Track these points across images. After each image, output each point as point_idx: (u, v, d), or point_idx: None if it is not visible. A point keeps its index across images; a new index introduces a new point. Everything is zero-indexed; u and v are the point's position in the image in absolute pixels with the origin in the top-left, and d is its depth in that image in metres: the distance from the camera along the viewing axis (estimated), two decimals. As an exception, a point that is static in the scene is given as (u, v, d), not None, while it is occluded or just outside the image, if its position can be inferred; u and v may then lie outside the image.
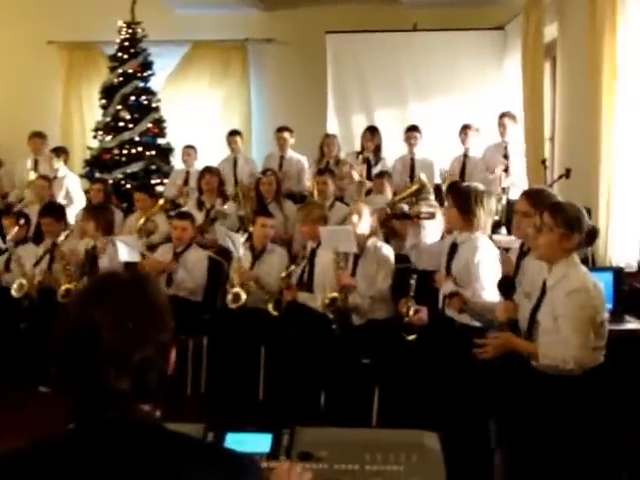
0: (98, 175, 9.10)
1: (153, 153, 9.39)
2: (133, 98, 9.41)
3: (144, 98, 9.50)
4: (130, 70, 9.43)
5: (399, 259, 5.27)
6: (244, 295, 5.49)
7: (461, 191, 4.58)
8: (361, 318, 5.16)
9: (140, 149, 9.31)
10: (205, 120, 10.48)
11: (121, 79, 9.43)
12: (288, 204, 7.33)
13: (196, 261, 6.03)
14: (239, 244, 5.73)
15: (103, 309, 1.47)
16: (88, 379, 1.46)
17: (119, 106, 9.37)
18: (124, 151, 9.30)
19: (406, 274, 4.77)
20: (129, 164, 9.25)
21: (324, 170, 7.46)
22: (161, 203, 6.97)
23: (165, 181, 9.12)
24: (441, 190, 7.03)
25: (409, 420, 3.92)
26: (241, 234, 5.98)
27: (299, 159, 8.60)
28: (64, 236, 6.25)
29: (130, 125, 9.32)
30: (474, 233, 4.45)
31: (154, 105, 9.58)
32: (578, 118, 6.36)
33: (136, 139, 9.32)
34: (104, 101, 9.56)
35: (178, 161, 9.25)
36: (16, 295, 6.02)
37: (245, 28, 10.36)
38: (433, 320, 4.46)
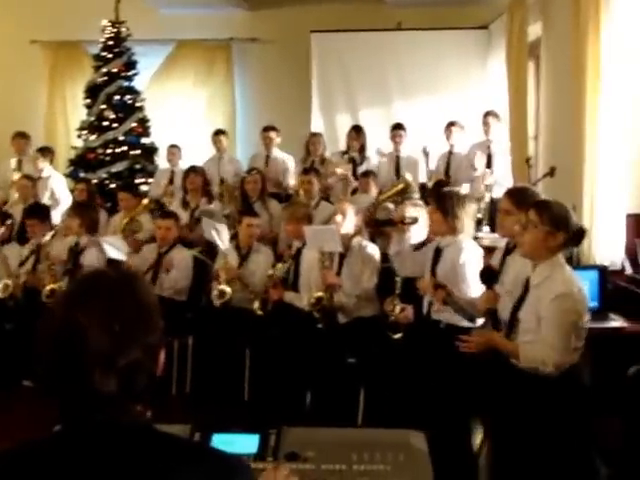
0: (82, 175, 9.06)
1: (137, 152, 9.37)
2: (117, 97, 9.40)
3: (128, 97, 9.49)
4: (114, 69, 9.43)
5: (385, 258, 5.27)
6: (229, 290, 5.47)
7: (444, 195, 4.68)
8: (347, 317, 5.16)
9: (124, 148, 9.29)
10: (189, 119, 10.48)
11: (105, 78, 9.42)
12: (273, 203, 7.31)
13: (181, 261, 6.01)
14: (225, 236, 5.74)
15: (90, 310, 1.43)
16: (74, 381, 1.43)
17: (103, 105, 9.35)
18: (108, 150, 9.28)
19: (392, 273, 4.80)
20: (113, 163, 9.23)
21: (309, 169, 7.44)
22: (145, 203, 6.91)
23: (149, 181, 9.10)
24: (426, 189, 7.04)
25: (395, 420, 3.94)
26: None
27: (285, 158, 8.59)
28: (49, 236, 6.22)
29: (114, 124, 9.30)
30: (457, 236, 4.53)
31: (138, 104, 9.57)
32: (562, 117, 6.38)
33: (120, 138, 9.31)
34: (88, 100, 9.54)
35: (163, 160, 9.22)
36: (1, 296, 5.98)
37: (229, 27, 10.36)
38: (418, 320, 4.49)
